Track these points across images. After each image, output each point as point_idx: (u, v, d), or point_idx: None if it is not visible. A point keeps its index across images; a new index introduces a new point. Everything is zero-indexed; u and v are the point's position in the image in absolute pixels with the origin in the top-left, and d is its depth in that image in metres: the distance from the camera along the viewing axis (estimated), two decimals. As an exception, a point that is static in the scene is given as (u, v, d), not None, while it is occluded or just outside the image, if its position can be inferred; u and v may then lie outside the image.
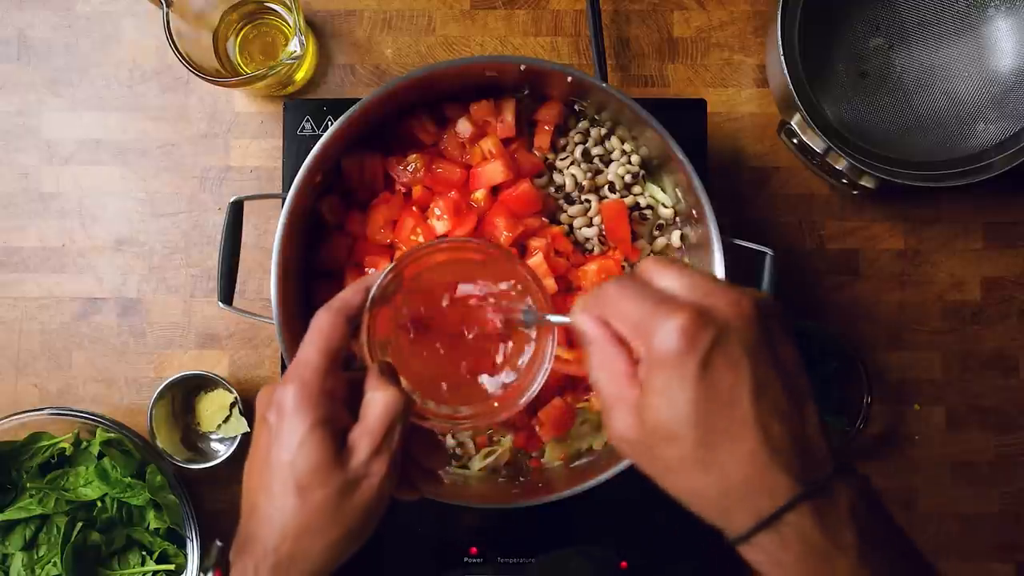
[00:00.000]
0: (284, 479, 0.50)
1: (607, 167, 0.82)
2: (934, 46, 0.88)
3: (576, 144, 0.81)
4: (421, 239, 0.76)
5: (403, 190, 0.79)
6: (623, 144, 0.82)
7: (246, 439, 0.83)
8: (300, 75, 0.88)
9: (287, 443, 0.50)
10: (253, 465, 0.53)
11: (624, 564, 0.83)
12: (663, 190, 0.82)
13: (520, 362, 0.60)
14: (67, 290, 0.89)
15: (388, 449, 0.52)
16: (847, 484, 0.44)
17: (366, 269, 0.78)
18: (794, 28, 0.81)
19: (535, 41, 0.91)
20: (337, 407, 0.52)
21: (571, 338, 0.78)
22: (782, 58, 0.79)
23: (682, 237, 0.81)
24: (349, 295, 0.55)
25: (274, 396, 0.52)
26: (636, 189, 0.81)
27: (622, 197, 0.81)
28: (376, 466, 0.51)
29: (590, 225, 0.80)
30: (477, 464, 0.80)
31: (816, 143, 0.82)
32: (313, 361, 0.52)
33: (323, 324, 0.54)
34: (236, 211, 0.76)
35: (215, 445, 0.88)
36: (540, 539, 0.83)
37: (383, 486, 0.52)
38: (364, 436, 0.51)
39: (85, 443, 0.85)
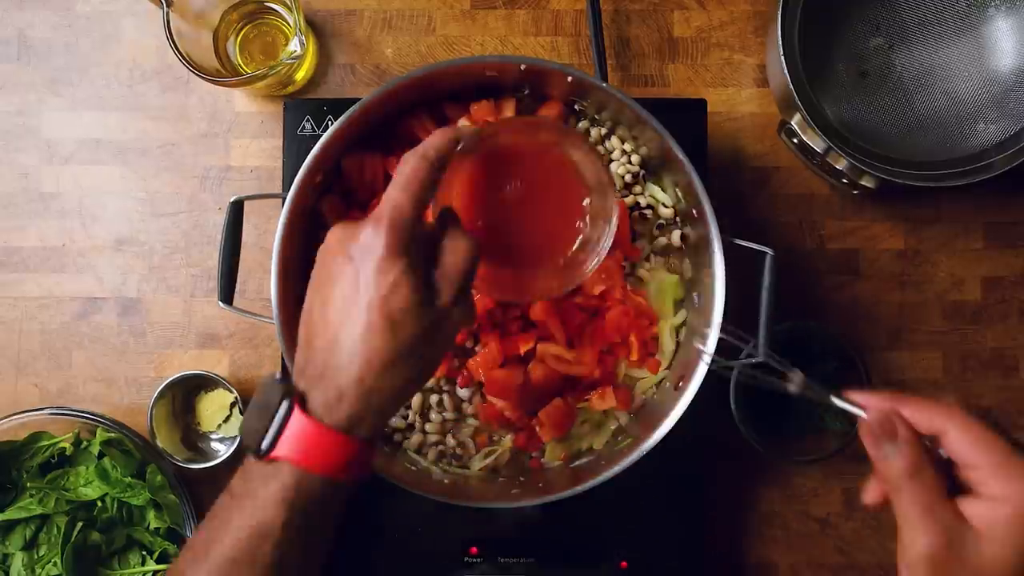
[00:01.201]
0: (375, 316, 0.52)
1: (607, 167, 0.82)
2: (934, 46, 0.88)
3: (576, 144, 0.81)
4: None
5: (403, 190, 0.79)
6: (623, 144, 0.82)
7: (246, 439, 0.84)
8: (300, 75, 0.88)
9: (380, 282, 0.52)
10: (331, 300, 0.53)
11: (624, 564, 0.83)
12: (663, 190, 0.82)
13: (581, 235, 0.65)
14: (67, 290, 0.89)
15: (465, 292, 0.56)
16: None
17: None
18: (794, 28, 0.81)
19: (535, 41, 0.91)
20: (421, 251, 0.54)
21: (571, 337, 0.79)
22: (782, 58, 0.79)
23: (682, 237, 0.81)
24: (439, 141, 0.57)
25: (361, 236, 0.53)
26: (636, 189, 0.81)
27: (622, 197, 0.81)
28: (457, 309, 0.55)
29: (590, 225, 0.80)
30: (477, 464, 0.80)
31: (816, 143, 0.82)
32: (404, 206, 0.54)
33: (415, 170, 0.55)
34: (236, 211, 0.76)
35: (215, 445, 0.88)
36: (540, 539, 0.83)
37: (460, 326, 0.56)
38: (446, 280, 0.55)
39: (85, 443, 0.85)
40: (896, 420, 0.48)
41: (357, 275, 0.53)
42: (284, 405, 0.51)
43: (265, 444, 0.51)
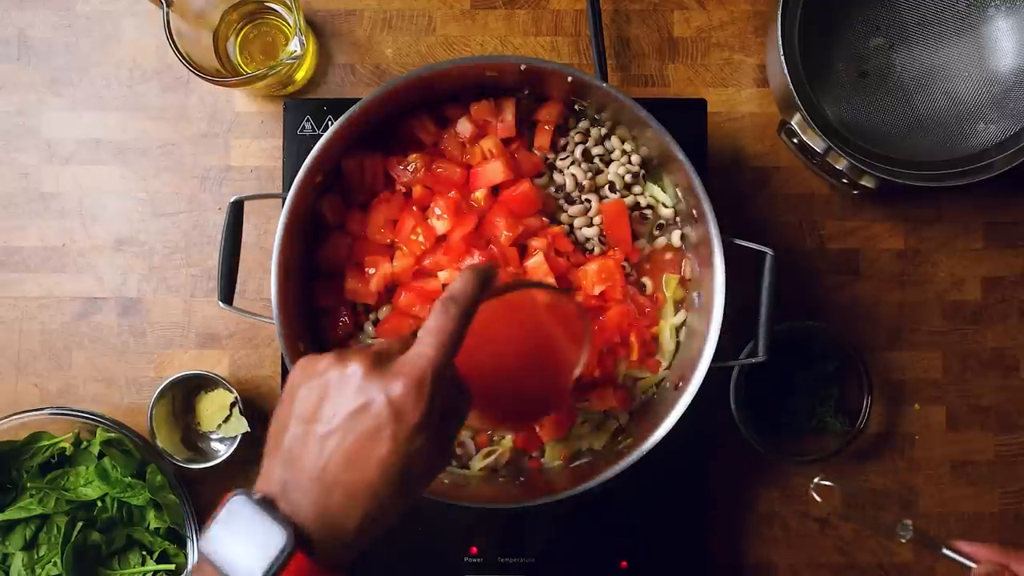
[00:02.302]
0: (392, 474, 0.51)
1: (607, 167, 0.82)
2: (934, 46, 0.88)
3: (576, 144, 0.81)
4: (421, 239, 0.76)
5: (403, 190, 0.79)
6: (623, 144, 0.82)
7: (246, 439, 0.83)
8: (300, 75, 0.88)
9: (409, 445, 0.51)
10: (335, 433, 0.51)
11: (624, 564, 0.83)
12: (663, 190, 0.82)
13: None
14: (67, 290, 0.89)
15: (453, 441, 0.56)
16: None
17: (366, 269, 0.78)
18: (794, 28, 0.81)
19: (535, 41, 0.91)
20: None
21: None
22: (782, 58, 0.79)
23: (682, 237, 0.81)
24: (471, 291, 0.54)
25: (392, 389, 0.51)
26: (636, 189, 0.81)
27: (622, 197, 0.81)
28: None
29: (590, 225, 0.80)
30: (477, 464, 0.80)
31: (816, 143, 0.82)
32: (441, 363, 0.52)
33: (451, 320, 0.53)
34: (236, 211, 0.76)
35: (215, 445, 0.88)
36: (540, 539, 0.83)
37: (437, 471, 0.57)
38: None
39: (85, 443, 0.85)
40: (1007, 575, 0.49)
41: (381, 427, 0.50)
42: (287, 551, 0.49)
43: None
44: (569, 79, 0.75)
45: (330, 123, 0.83)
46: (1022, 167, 0.81)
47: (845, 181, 0.83)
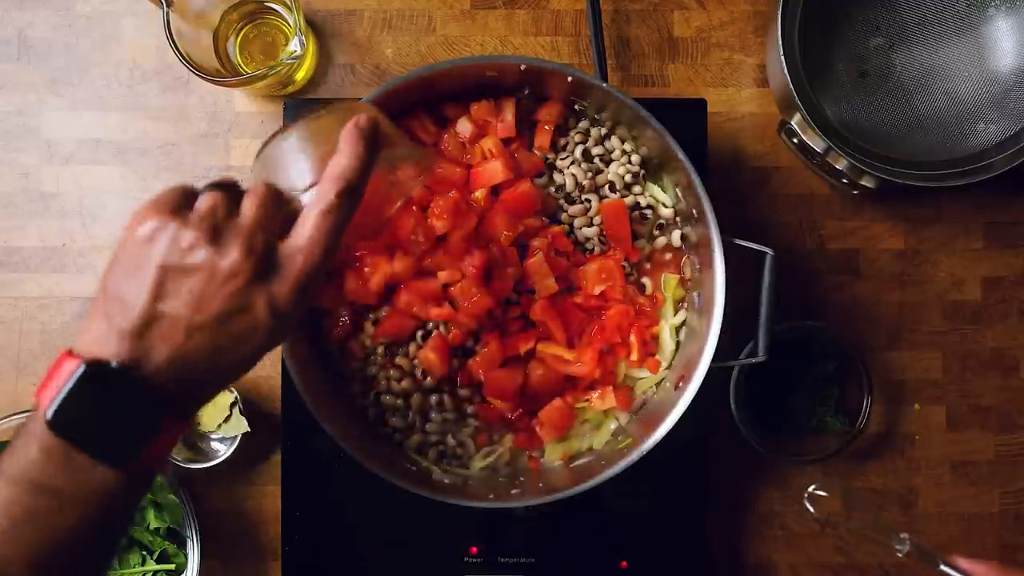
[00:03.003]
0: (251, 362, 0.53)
1: (607, 167, 0.82)
2: (934, 46, 0.88)
3: (576, 144, 0.81)
4: (421, 239, 0.76)
5: (403, 190, 0.79)
6: (623, 144, 0.82)
7: (246, 439, 0.83)
8: (300, 75, 0.88)
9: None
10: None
11: (624, 564, 0.83)
12: (663, 190, 0.82)
13: None
14: (67, 290, 0.89)
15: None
16: None
17: (364, 269, 0.78)
18: (794, 28, 0.81)
19: (535, 41, 0.91)
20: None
21: (571, 337, 0.79)
22: (782, 58, 0.79)
23: (682, 237, 0.81)
24: (361, 169, 0.54)
25: (279, 307, 0.51)
26: (636, 189, 0.81)
27: (622, 197, 0.81)
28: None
29: (590, 225, 0.80)
30: (477, 464, 0.80)
31: (816, 143, 0.82)
32: (322, 268, 0.53)
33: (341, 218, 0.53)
34: (236, 211, 0.76)
35: (215, 445, 0.88)
36: (540, 539, 0.83)
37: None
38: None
39: (85, 443, 0.85)
40: None
41: (259, 336, 0.52)
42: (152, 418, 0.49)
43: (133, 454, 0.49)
44: (569, 79, 0.75)
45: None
46: (1022, 167, 0.81)
47: (845, 181, 0.83)
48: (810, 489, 0.83)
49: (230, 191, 0.53)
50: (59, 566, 0.49)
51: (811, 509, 0.83)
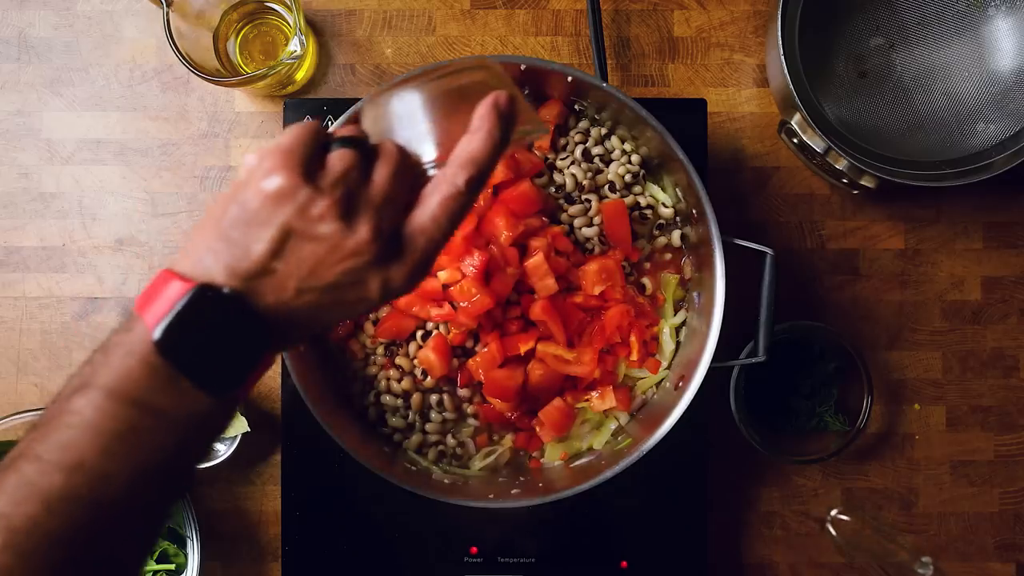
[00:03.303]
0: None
1: (607, 167, 0.82)
2: (934, 46, 0.88)
3: (576, 144, 0.81)
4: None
5: (403, 190, 0.79)
6: (623, 144, 0.82)
7: (246, 439, 0.83)
8: (300, 75, 0.88)
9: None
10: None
11: (624, 564, 0.83)
12: (663, 190, 0.82)
13: None
14: (67, 290, 0.89)
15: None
16: None
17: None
18: (794, 28, 0.81)
19: (535, 41, 0.91)
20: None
21: (571, 337, 0.79)
22: (782, 58, 0.79)
23: (682, 237, 0.81)
24: (492, 158, 0.52)
25: (394, 286, 0.50)
26: (636, 189, 0.81)
27: (622, 197, 0.81)
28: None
29: (590, 225, 0.80)
30: (477, 464, 0.80)
31: (816, 143, 0.82)
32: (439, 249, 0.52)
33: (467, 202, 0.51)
34: (236, 211, 0.76)
35: (215, 445, 0.87)
36: (540, 539, 0.83)
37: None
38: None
39: (85, 443, 0.85)
40: None
41: (366, 296, 0.50)
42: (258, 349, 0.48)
43: (236, 383, 0.48)
44: (569, 79, 0.75)
45: (330, 123, 0.83)
46: (1022, 167, 0.81)
47: (845, 181, 0.83)
48: (832, 513, 0.83)
49: (361, 148, 0.51)
50: (154, 487, 0.48)
51: (833, 533, 0.83)
